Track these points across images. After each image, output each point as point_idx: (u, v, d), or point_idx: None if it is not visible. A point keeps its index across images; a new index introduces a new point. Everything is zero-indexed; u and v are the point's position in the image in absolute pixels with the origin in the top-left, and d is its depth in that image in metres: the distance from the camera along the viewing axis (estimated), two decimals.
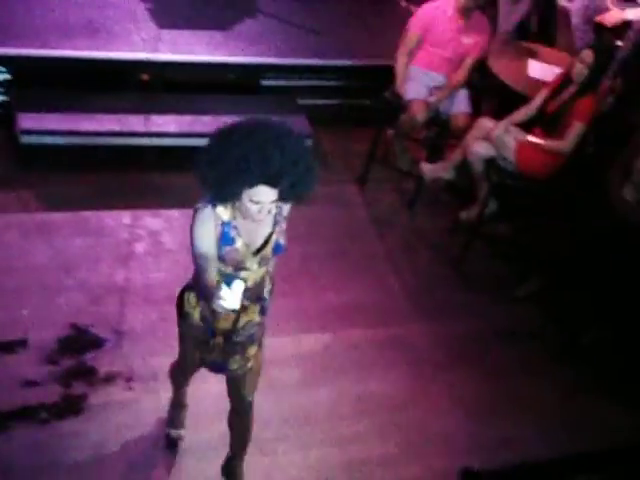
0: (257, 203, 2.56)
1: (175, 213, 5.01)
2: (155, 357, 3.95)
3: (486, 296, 4.85)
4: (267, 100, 5.73)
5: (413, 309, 4.68)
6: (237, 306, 2.54)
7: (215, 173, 2.52)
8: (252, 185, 2.51)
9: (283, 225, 2.85)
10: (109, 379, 3.81)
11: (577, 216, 4.61)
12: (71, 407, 3.65)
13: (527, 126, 4.89)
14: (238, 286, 2.53)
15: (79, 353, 3.91)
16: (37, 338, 3.91)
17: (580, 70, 4.62)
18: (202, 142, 2.59)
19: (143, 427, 3.63)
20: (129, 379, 3.82)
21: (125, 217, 4.88)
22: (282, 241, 2.83)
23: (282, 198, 2.63)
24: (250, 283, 2.78)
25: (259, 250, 2.77)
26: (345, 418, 3.92)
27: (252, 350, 3.06)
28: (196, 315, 2.95)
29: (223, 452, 3.47)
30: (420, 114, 5.25)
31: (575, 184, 4.80)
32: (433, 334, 4.51)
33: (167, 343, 4.02)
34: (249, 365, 3.07)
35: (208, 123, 5.12)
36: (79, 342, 3.96)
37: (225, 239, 2.69)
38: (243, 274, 2.75)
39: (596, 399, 4.27)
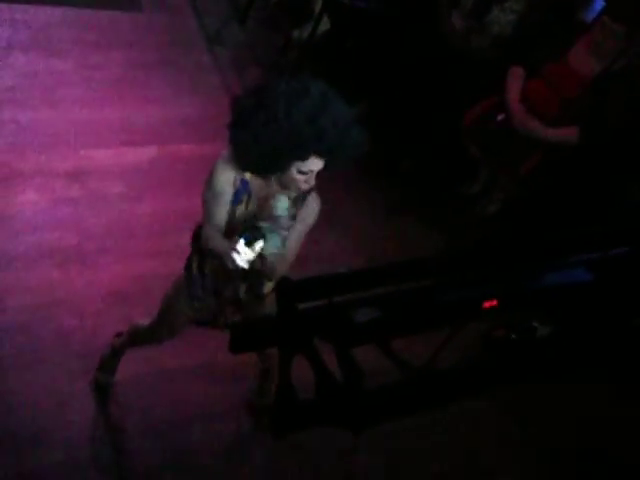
0: (305, 173, 2.37)
1: None
2: None
3: None
4: None
5: None
6: (246, 265, 2.32)
7: (260, 148, 2.30)
8: (304, 158, 2.32)
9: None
10: None
11: (406, 40, 4.63)
12: None
13: None
14: (257, 245, 2.32)
15: None
16: None
17: None
18: None
19: None
20: None
21: None
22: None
23: (332, 164, 2.42)
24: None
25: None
26: (169, 232, 3.91)
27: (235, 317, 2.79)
28: (194, 264, 2.68)
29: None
30: None
31: (407, 8, 4.79)
32: None
33: None
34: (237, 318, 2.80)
35: None
36: None
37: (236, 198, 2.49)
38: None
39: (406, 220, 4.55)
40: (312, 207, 2.54)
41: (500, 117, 4.28)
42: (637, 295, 1.59)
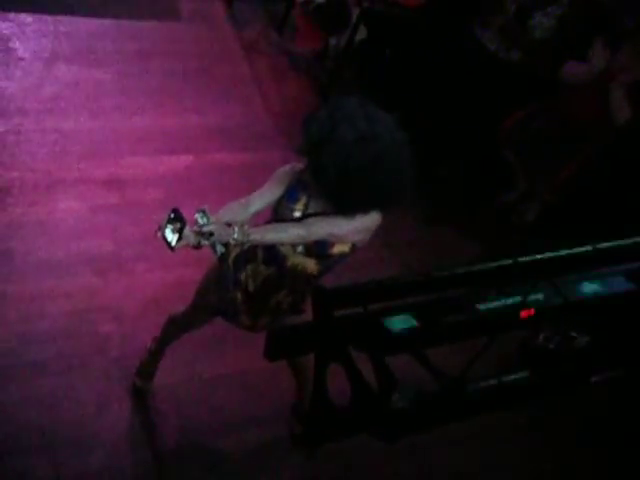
0: None
1: (27, 18, 4.64)
2: (6, 171, 3.80)
3: None
4: None
5: (278, 135, 4.67)
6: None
7: (355, 194, 2.28)
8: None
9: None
10: None
11: (446, 47, 4.62)
12: None
13: None
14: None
15: None
16: None
17: None
18: None
19: None
20: None
21: None
22: None
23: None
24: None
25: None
26: None
27: (265, 319, 2.75)
28: (232, 255, 2.64)
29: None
30: None
31: (445, 15, 4.78)
32: (296, 159, 4.54)
33: (18, 158, 3.88)
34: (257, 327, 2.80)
35: None
36: None
37: (291, 194, 2.48)
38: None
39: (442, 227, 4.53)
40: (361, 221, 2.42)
41: (539, 123, 4.25)
42: None
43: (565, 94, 4.26)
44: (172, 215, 2.22)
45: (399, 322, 1.42)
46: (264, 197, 2.48)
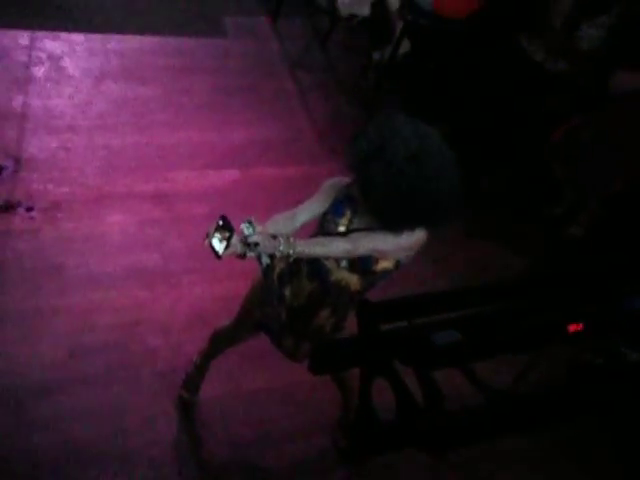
0: None
1: (78, 37, 4.75)
2: (56, 186, 3.88)
3: None
4: None
5: (322, 149, 4.68)
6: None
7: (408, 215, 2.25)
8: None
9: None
10: (9, 207, 3.71)
11: (491, 59, 4.58)
12: None
13: None
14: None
15: None
16: None
17: None
18: None
19: (43, 256, 3.59)
20: (30, 208, 3.74)
21: (23, 38, 4.60)
22: None
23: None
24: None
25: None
26: None
27: (307, 344, 2.72)
28: (277, 270, 2.65)
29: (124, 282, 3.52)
30: None
31: (490, 28, 4.76)
32: (341, 174, 4.55)
33: (68, 174, 3.96)
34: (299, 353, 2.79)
35: None
36: None
37: (336, 208, 2.47)
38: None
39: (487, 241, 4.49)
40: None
41: (588, 135, 4.19)
42: None
43: (614, 105, 4.19)
44: (220, 223, 2.22)
45: (445, 336, 1.41)
46: (310, 209, 2.47)
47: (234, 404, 3.31)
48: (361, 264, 2.42)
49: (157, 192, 4.07)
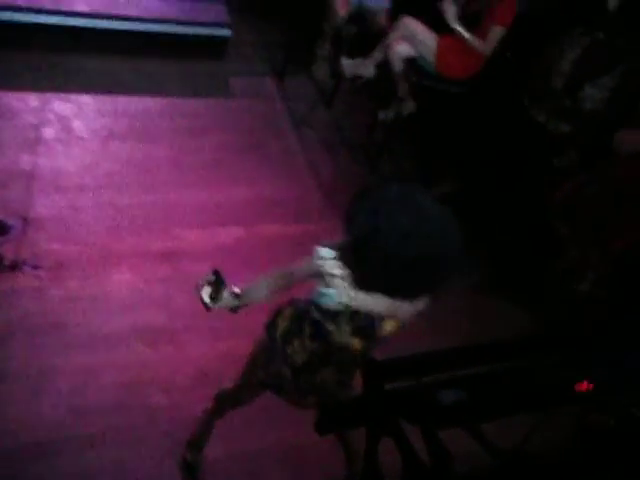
0: None
1: (87, 98, 4.84)
2: (63, 245, 3.89)
3: None
4: None
5: (329, 207, 4.71)
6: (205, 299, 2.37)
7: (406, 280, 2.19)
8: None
9: None
10: (15, 266, 3.72)
11: (495, 119, 4.64)
12: None
13: (448, 28, 4.86)
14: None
15: None
16: None
17: None
18: (116, 25, 2.32)
19: (49, 314, 3.59)
20: (36, 267, 3.75)
21: (32, 100, 4.68)
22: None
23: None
24: None
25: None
26: (255, 311, 3.92)
27: (312, 398, 2.67)
28: (280, 328, 2.65)
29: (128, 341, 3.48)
30: (343, 10, 5.15)
31: (492, 89, 4.83)
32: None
33: (75, 232, 3.98)
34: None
35: (122, 5, 4.87)
36: None
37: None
38: None
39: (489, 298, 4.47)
40: None
41: (591, 192, 4.19)
42: None
43: (618, 162, 4.21)
44: (213, 277, 2.26)
45: (450, 395, 1.39)
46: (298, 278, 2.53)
47: (240, 465, 3.26)
48: (364, 328, 2.40)
49: (163, 250, 4.08)
